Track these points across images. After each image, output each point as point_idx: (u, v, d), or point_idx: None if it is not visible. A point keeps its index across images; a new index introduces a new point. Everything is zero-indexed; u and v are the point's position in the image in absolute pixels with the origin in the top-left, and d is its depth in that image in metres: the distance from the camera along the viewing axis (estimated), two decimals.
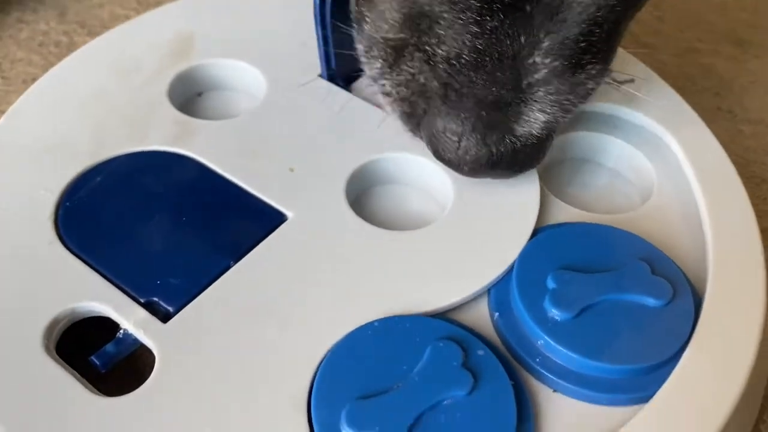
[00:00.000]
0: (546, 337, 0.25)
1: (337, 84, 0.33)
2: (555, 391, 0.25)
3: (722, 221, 0.29)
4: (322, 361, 0.24)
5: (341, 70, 0.33)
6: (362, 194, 0.31)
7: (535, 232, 0.28)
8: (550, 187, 0.32)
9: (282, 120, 0.32)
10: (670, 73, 0.41)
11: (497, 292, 0.27)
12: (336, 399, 0.22)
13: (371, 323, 0.24)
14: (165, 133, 0.31)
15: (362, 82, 0.32)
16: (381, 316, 0.25)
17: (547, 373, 0.24)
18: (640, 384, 0.24)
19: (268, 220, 0.28)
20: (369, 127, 0.31)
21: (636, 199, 0.32)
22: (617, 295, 0.26)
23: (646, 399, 0.24)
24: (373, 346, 0.24)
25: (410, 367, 0.23)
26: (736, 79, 0.42)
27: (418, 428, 0.22)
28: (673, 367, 0.24)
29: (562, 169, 0.33)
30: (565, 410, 0.24)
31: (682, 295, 0.26)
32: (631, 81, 0.34)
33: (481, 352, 0.24)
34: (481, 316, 0.26)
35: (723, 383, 0.24)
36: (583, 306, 0.25)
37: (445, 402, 0.23)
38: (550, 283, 0.26)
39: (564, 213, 0.30)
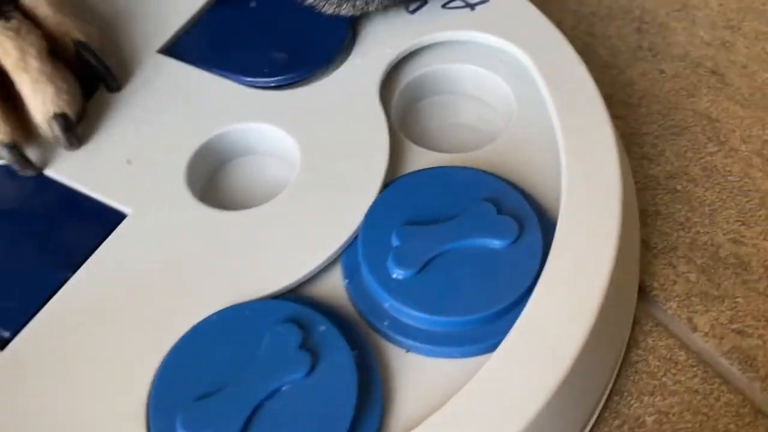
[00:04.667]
0: (391, 299, 0.24)
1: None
2: (408, 351, 0.24)
3: (579, 151, 0.27)
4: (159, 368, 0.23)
5: None
6: (215, 172, 0.30)
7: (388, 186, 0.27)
8: (410, 130, 0.31)
9: (116, 110, 0.30)
10: (589, 5, 0.38)
11: (347, 257, 0.26)
12: (173, 405, 0.22)
13: (209, 318, 0.24)
14: None
15: None
16: (224, 305, 0.24)
17: (396, 335, 0.24)
18: (489, 331, 0.24)
19: (105, 220, 0.27)
20: (210, 102, 0.30)
21: (500, 124, 0.31)
22: (461, 242, 0.25)
23: (497, 346, 0.23)
24: (210, 343, 0.23)
25: (249, 358, 0.23)
26: (660, 8, 0.38)
27: (255, 421, 0.21)
28: (522, 309, 0.24)
29: (421, 109, 0.32)
30: (418, 369, 0.24)
31: (529, 232, 0.25)
32: (486, 1, 0.33)
33: (323, 328, 0.23)
34: (336, 286, 0.26)
35: (572, 323, 0.23)
36: (425, 260, 0.24)
37: (284, 388, 0.22)
38: (395, 241, 0.25)
39: (422, 158, 0.29)
